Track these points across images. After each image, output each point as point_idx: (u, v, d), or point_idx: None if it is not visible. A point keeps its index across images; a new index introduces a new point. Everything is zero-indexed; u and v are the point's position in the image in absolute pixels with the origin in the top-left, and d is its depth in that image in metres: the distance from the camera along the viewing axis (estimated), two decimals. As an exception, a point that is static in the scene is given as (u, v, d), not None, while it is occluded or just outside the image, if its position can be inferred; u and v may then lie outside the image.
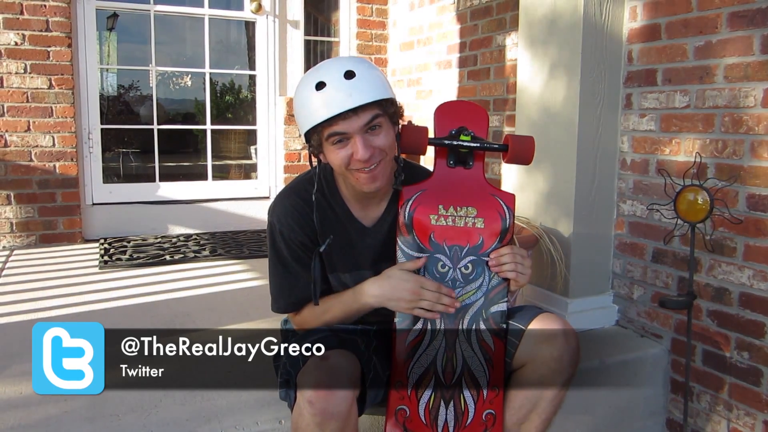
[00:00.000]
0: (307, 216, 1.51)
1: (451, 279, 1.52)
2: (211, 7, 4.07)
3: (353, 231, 1.56)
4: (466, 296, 1.53)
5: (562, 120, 2.31)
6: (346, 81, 1.33)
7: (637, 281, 2.38)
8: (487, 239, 1.53)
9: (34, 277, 2.90)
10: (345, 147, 1.38)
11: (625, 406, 2.21)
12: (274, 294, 1.59)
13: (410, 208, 1.51)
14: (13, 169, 3.43)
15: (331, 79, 1.34)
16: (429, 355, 1.52)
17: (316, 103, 1.34)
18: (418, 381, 1.51)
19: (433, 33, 3.96)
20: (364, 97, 1.34)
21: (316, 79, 1.35)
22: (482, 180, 1.56)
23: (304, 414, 1.30)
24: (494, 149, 1.57)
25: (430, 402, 1.51)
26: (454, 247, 1.52)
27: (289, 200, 1.53)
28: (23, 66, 3.40)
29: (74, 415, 1.62)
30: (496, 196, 1.54)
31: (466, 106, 1.64)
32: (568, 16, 2.27)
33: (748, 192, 1.97)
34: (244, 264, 3.22)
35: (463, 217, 1.53)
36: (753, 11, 1.92)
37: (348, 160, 1.38)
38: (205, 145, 4.16)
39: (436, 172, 1.56)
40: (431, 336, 1.52)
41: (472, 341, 1.52)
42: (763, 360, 1.97)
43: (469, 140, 1.53)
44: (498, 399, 1.53)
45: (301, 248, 1.52)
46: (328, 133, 1.37)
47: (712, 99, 2.06)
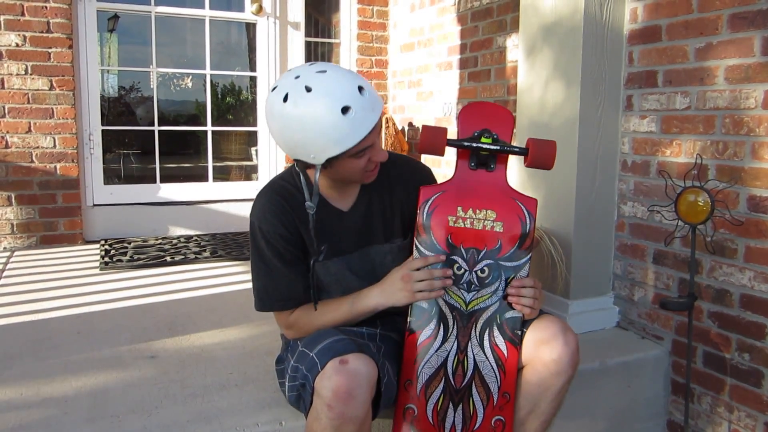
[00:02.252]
0: (285, 209, 1.52)
1: (466, 282, 1.51)
2: (212, 8, 4.07)
3: (333, 216, 1.57)
4: (481, 300, 1.52)
5: (563, 121, 2.31)
6: (363, 97, 1.36)
7: (637, 283, 2.38)
8: (505, 243, 1.52)
9: (35, 278, 2.90)
10: (364, 155, 1.42)
11: (626, 407, 2.20)
12: (257, 293, 1.59)
13: (429, 208, 1.51)
14: (14, 170, 3.43)
15: (353, 100, 1.34)
16: (440, 356, 1.51)
17: (345, 128, 1.34)
18: (427, 381, 1.51)
19: (433, 34, 3.96)
20: (379, 105, 1.40)
21: (339, 104, 1.33)
22: (504, 183, 1.55)
23: (322, 418, 1.30)
24: (514, 152, 1.55)
25: (438, 403, 1.51)
26: (471, 249, 1.51)
27: (266, 197, 1.55)
28: (24, 67, 3.40)
29: (74, 416, 1.62)
30: (518, 201, 1.53)
31: (491, 108, 1.62)
32: (569, 18, 2.28)
33: (749, 193, 1.97)
34: (245, 265, 3.22)
35: (482, 220, 1.51)
36: (754, 13, 1.92)
37: (367, 163, 1.44)
38: (206, 147, 4.16)
39: (457, 174, 1.55)
40: (443, 338, 1.51)
41: (485, 345, 1.52)
42: (764, 361, 1.97)
43: (490, 143, 1.51)
44: (508, 406, 1.52)
45: (281, 242, 1.52)
46: (358, 150, 1.39)
47: (713, 100, 2.06)
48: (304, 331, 1.56)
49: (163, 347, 2.11)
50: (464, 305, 1.52)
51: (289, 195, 1.54)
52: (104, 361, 1.97)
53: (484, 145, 1.51)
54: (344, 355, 1.32)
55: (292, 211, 1.52)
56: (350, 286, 1.58)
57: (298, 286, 1.55)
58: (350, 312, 1.52)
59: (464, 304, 1.52)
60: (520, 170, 2.54)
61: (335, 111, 1.32)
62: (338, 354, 1.32)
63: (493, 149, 1.52)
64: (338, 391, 1.27)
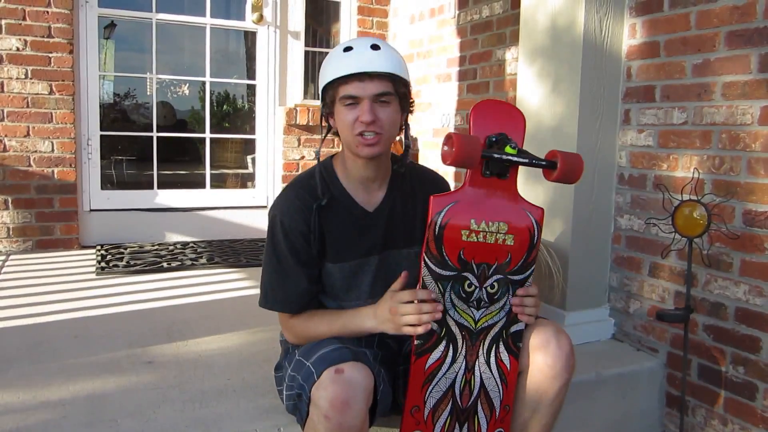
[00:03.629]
0: (310, 206, 1.52)
1: (476, 299, 1.44)
2: (213, 16, 4.10)
3: (357, 216, 1.57)
4: (490, 317, 1.46)
5: (561, 134, 2.34)
6: (371, 50, 1.45)
7: (633, 295, 2.39)
8: (514, 256, 1.45)
9: (31, 282, 2.89)
10: (354, 109, 1.45)
11: (621, 419, 2.21)
12: (263, 287, 1.59)
13: (441, 221, 1.40)
14: (12, 174, 3.43)
15: (358, 46, 1.47)
16: (448, 378, 1.47)
17: (340, 62, 1.45)
18: (435, 405, 1.47)
19: (433, 46, 3.99)
20: (383, 66, 1.44)
21: (346, 45, 1.48)
22: (515, 192, 1.47)
23: (319, 428, 1.30)
24: (542, 166, 1.46)
25: (445, 426, 1.48)
26: (482, 265, 1.43)
27: (293, 191, 1.56)
28: (24, 71, 3.40)
29: (72, 419, 1.61)
30: (528, 211, 1.46)
31: (505, 108, 1.53)
32: (569, 32, 2.31)
33: (744, 208, 2.00)
34: (242, 272, 3.22)
35: (494, 233, 1.43)
36: (751, 30, 1.96)
37: (354, 122, 1.45)
38: (204, 154, 4.16)
39: (469, 182, 1.44)
40: (452, 359, 1.46)
41: (491, 362, 1.48)
42: (758, 375, 1.99)
43: (515, 153, 1.42)
44: (508, 417, 1.53)
45: (299, 240, 1.52)
46: (343, 94, 1.45)
47: (710, 116, 2.09)
48: (300, 338, 1.56)
49: (161, 353, 2.10)
50: (473, 323, 1.46)
51: (315, 192, 1.54)
52: (102, 366, 1.97)
53: (513, 158, 1.42)
54: (340, 364, 1.31)
55: (317, 208, 1.53)
56: (361, 289, 1.59)
57: (303, 289, 1.55)
58: (344, 329, 1.51)
59: (473, 322, 1.46)
60: (519, 183, 2.55)
61: (339, 49, 1.49)
62: (334, 363, 1.32)
63: (522, 162, 1.43)
64: (335, 401, 1.27)
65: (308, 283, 1.55)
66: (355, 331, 1.50)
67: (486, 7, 3.44)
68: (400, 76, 1.47)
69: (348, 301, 1.60)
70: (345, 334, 1.51)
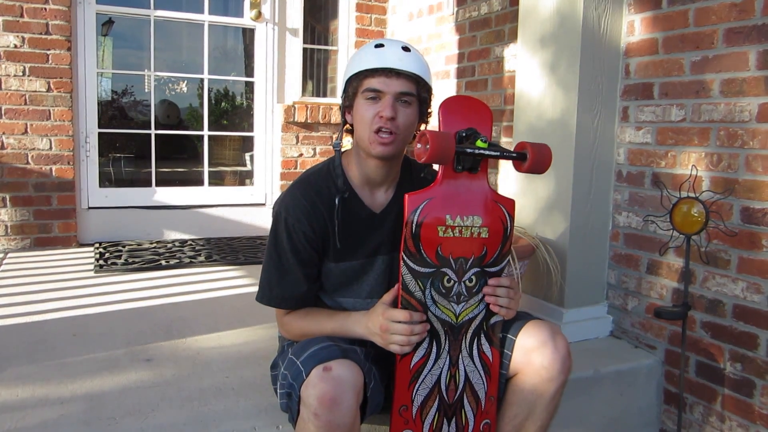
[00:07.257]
0: (316, 206, 1.52)
1: (455, 294, 1.46)
2: (211, 13, 4.08)
3: (363, 216, 1.57)
4: (469, 310, 1.48)
5: (560, 131, 2.34)
6: (402, 50, 1.49)
7: (631, 292, 2.40)
8: (490, 249, 1.48)
9: (29, 280, 2.88)
10: (375, 104, 1.47)
11: (619, 416, 2.22)
12: (262, 283, 1.59)
13: (418, 219, 1.41)
14: (9, 171, 3.42)
15: (390, 45, 1.50)
16: (434, 375, 1.48)
17: (369, 56, 1.49)
18: (422, 403, 1.48)
19: (431, 43, 3.99)
20: (411, 67, 1.47)
21: (378, 42, 1.52)
22: (486, 186, 1.49)
23: (309, 427, 1.30)
24: (513, 158, 1.49)
25: (434, 423, 1.49)
26: (459, 259, 1.46)
27: (300, 190, 1.55)
28: (22, 68, 3.40)
29: (71, 418, 1.61)
30: (499, 203, 1.49)
31: (472, 104, 1.54)
32: (567, 30, 2.30)
33: (742, 205, 2.00)
34: (240, 270, 3.22)
35: (470, 227, 1.46)
36: (749, 27, 1.96)
37: (373, 117, 1.47)
38: (202, 151, 4.16)
39: (441, 178, 1.46)
40: (436, 355, 1.47)
41: (474, 355, 1.50)
42: (756, 372, 1.99)
43: (486, 147, 1.45)
44: (493, 408, 1.53)
45: (302, 240, 1.52)
46: (366, 87, 1.47)
47: (708, 113, 2.09)
48: (293, 334, 1.57)
49: (159, 350, 2.10)
50: (454, 318, 1.47)
51: (323, 191, 1.54)
52: (100, 364, 1.97)
53: (485, 152, 1.45)
54: (328, 362, 1.31)
55: (323, 208, 1.53)
56: (361, 289, 1.59)
57: (302, 288, 1.55)
58: (335, 331, 1.51)
59: (454, 317, 1.47)
60: (518, 178, 2.57)
61: (371, 44, 1.52)
62: (323, 361, 1.32)
63: (494, 155, 1.46)
64: (323, 399, 1.27)
65: (306, 282, 1.55)
66: (346, 335, 1.51)
67: (484, 4, 3.43)
68: (424, 80, 1.50)
69: (344, 297, 1.60)
70: (337, 335, 1.51)
